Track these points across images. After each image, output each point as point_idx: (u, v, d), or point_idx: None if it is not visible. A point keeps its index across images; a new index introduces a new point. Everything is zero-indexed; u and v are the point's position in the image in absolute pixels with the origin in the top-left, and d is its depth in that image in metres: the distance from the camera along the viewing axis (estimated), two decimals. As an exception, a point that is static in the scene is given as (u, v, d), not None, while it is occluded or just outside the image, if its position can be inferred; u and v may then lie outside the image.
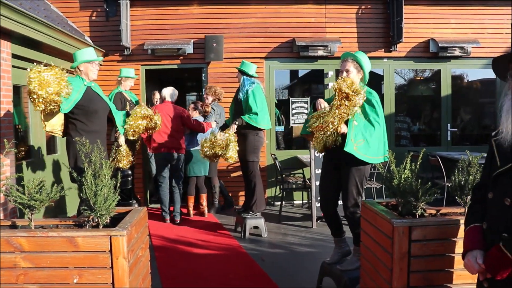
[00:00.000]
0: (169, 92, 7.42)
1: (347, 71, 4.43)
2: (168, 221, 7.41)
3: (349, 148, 4.20)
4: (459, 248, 3.03)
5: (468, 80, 9.98)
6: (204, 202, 7.89)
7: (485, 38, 9.10)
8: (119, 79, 7.53)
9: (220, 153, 6.17)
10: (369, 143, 4.27)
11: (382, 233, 3.28)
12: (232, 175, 8.62)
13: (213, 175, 8.08)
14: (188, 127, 7.44)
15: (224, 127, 6.70)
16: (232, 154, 6.16)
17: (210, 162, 7.32)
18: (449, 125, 9.38)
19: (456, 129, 9.55)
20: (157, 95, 8.67)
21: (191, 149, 7.66)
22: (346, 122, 4.27)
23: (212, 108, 7.93)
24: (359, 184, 4.40)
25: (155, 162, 7.83)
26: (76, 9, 8.60)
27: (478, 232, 2.36)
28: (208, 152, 6.24)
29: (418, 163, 3.46)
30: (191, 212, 7.82)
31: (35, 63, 4.84)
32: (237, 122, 6.33)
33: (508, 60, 2.30)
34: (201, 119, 7.72)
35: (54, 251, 2.92)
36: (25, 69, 6.16)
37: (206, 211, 7.91)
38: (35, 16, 5.69)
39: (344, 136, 4.25)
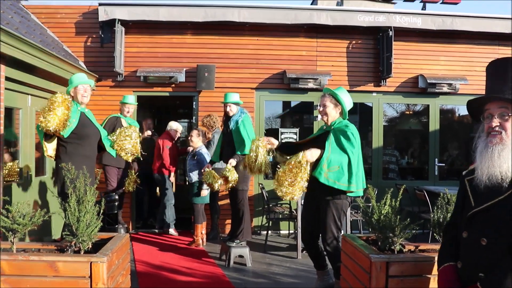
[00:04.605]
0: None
1: (324, 105, 4.61)
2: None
3: (318, 173, 4.29)
4: (434, 284, 3.08)
5: (457, 115, 10.14)
6: (204, 230, 7.75)
7: (473, 75, 9.27)
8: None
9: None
10: (343, 170, 4.34)
11: (360, 267, 3.33)
12: (219, 203, 8.62)
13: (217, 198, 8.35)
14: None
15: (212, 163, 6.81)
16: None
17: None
18: (436, 159, 9.49)
19: (444, 164, 9.66)
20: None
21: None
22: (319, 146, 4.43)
23: (213, 135, 8.05)
24: (337, 218, 4.45)
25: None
26: (72, 34, 8.73)
27: (453, 271, 2.41)
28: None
29: (399, 198, 3.53)
30: (201, 242, 7.64)
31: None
32: (236, 160, 6.38)
33: (481, 102, 2.40)
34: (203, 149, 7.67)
35: (35, 275, 2.94)
36: (19, 92, 6.29)
37: (205, 239, 7.79)
38: (30, 41, 5.78)
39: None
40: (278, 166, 4.37)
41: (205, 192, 7.42)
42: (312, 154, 4.29)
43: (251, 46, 8.97)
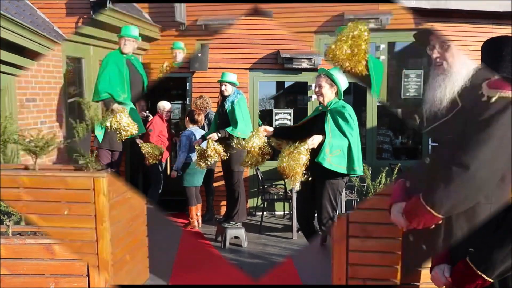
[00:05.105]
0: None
1: (320, 86, 4.60)
2: None
3: (321, 159, 4.28)
4: (428, 262, 3.11)
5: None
6: (199, 211, 7.75)
7: (467, 55, 9.21)
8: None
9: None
10: (344, 154, 4.35)
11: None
12: (214, 184, 8.61)
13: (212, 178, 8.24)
14: None
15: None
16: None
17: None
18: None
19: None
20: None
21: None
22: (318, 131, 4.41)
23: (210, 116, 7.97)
24: (332, 198, 4.47)
25: None
26: (63, 14, 8.57)
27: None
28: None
29: (393, 178, 3.54)
30: (196, 223, 7.58)
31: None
32: (219, 134, 6.36)
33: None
34: (199, 131, 7.56)
35: (31, 258, 2.94)
36: (6, 73, 6.20)
37: (200, 221, 7.76)
38: (21, 22, 5.70)
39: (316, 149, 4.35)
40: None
41: (174, 173, 7.44)
42: (314, 142, 4.34)
43: (245, 25, 8.87)
